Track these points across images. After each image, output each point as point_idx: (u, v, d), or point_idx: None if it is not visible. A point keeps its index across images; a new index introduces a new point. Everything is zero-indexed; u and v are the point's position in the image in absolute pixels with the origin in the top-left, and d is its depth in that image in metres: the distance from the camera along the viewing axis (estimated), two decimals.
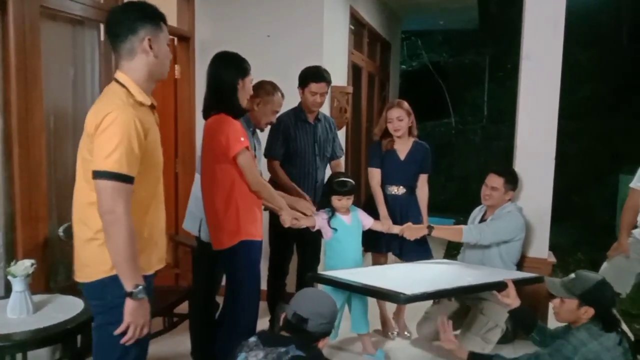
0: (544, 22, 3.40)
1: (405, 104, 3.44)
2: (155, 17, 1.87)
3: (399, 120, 3.39)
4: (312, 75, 3.26)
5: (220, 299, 2.86)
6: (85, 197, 1.79)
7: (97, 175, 1.70)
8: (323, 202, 3.17)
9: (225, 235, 2.50)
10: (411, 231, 3.24)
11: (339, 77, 4.52)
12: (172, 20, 3.94)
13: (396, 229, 3.29)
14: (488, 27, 9.42)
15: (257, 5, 4.02)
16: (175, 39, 4.02)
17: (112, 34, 1.85)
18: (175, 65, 4.03)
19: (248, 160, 2.47)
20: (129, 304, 1.74)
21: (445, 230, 3.33)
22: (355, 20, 5.09)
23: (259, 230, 2.58)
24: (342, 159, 3.72)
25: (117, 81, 1.85)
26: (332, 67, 4.24)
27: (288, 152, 3.28)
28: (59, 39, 2.97)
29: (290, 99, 3.25)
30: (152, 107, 1.89)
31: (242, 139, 2.44)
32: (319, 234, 3.15)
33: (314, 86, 3.23)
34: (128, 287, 1.73)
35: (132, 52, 1.83)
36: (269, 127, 3.10)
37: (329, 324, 1.97)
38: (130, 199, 1.72)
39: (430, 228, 3.24)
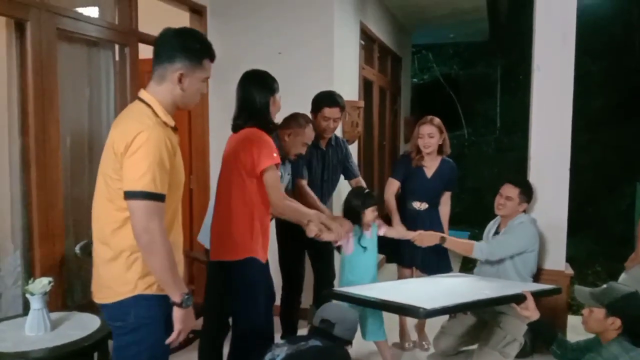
0: (554, 33, 3.40)
1: (437, 121, 3.42)
2: (198, 54, 1.86)
3: (430, 137, 3.38)
4: (326, 100, 3.23)
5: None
6: (107, 217, 1.79)
7: (131, 195, 1.69)
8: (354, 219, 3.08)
9: (236, 246, 2.47)
10: (424, 238, 3.23)
11: (350, 91, 4.55)
12: None
13: (410, 235, 3.28)
14: (499, 38, 9.43)
15: (267, 21, 4.07)
16: None
17: (154, 52, 1.86)
18: None
19: (274, 177, 2.46)
20: (178, 312, 1.78)
21: (457, 243, 3.30)
22: (366, 35, 5.13)
23: (266, 254, 2.58)
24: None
25: (142, 100, 1.84)
26: (343, 82, 4.28)
27: None
28: (75, 60, 3.02)
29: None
30: (174, 128, 1.88)
31: (275, 154, 2.45)
32: (332, 247, 3.14)
33: (327, 111, 3.21)
34: (176, 298, 1.76)
35: (162, 78, 1.83)
36: None
37: (351, 331, 2.21)
38: (163, 217, 1.73)
39: (443, 239, 3.22)
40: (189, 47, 1.84)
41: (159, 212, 1.71)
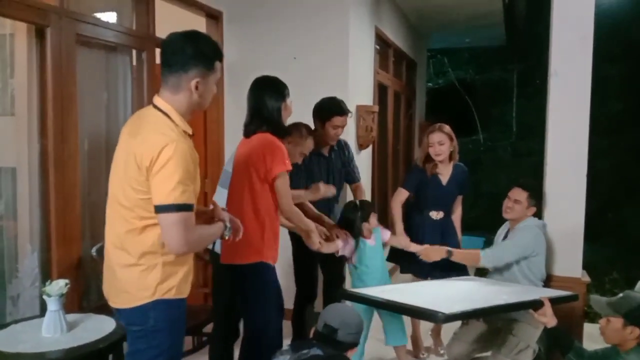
0: (571, 37, 3.36)
1: (447, 128, 3.41)
2: (211, 58, 1.84)
3: (440, 144, 3.36)
4: (335, 108, 3.21)
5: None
6: (124, 223, 1.79)
7: (164, 209, 1.69)
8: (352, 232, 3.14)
9: (248, 250, 2.49)
10: (430, 253, 3.21)
11: (365, 96, 4.55)
12: None
13: (414, 248, 3.27)
14: (515, 43, 9.36)
15: (283, 26, 4.10)
16: None
17: (164, 60, 1.84)
18: None
19: (285, 184, 2.51)
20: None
21: (463, 255, 3.27)
22: (381, 40, 5.13)
23: (276, 258, 2.60)
24: (361, 182, 3.64)
25: (158, 108, 1.82)
26: (357, 86, 4.29)
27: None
28: (94, 65, 3.07)
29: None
30: (191, 135, 1.88)
31: (287, 161, 2.49)
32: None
33: (337, 119, 3.18)
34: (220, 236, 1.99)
35: (177, 87, 1.81)
36: None
37: (356, 335, 2.16)
38: (194, 224, 1.77)
39: (449, 252, 3.20)
40: (202, 53, 1.82)
41: (192, 221, 1.74)
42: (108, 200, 1.88)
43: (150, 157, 1.69)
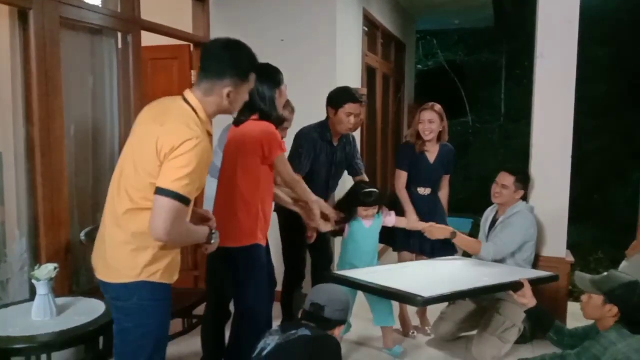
0: (558, 20, 3.38)
1: (438, 107, 3.45)
2: (247, 70, 1.93)
3: (430, 122, 3.41)
4: (349, 95, 3.17)
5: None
6: (128, 203, 1.82)
7: (163, 192, 1.73)
8: (347, 212, 3.16)
9: (241, 233, 2.51)
10: (434, 231, 3.27)
11: (354, 79, 4.55)
12: (187, 26, 4.01)
13: (421, 226, 3.32)
14: (504, 25, 9.37)
15: (270, 9, 4.07)
16: (192, 45, 4.09)
17: (202, 66, 1.93)
18: (192, 71, 4.10)
19: (284, 162, 2.59)
20: (210, 247, 2.06)
21: (465, 241, 3.30)
22: (369, 21, 5.11)
23: (266, 238, 2.63)
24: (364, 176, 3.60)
25: (188, 102, 1.89)
26: (346, 69, 4.28)
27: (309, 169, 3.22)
28: (79, 48, 3.03)
29: (303, 103, 3.27)
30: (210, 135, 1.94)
31: (282, 144, 2.54)
32: (330, 234, 3.19)
33: (350, 107, 3.13)
34: (204, 241, 2.00)
35: (210, 91, 1.90)
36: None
37: (343, 311, 2.21)
38: (184, 218, 1.80)
39: (453, 234, 3.25)
40: (239, 65, 1.91)
41: (183, 214, 1.77)
42: (114, 176, 1.91)
43: (172, 145, 1.74)
